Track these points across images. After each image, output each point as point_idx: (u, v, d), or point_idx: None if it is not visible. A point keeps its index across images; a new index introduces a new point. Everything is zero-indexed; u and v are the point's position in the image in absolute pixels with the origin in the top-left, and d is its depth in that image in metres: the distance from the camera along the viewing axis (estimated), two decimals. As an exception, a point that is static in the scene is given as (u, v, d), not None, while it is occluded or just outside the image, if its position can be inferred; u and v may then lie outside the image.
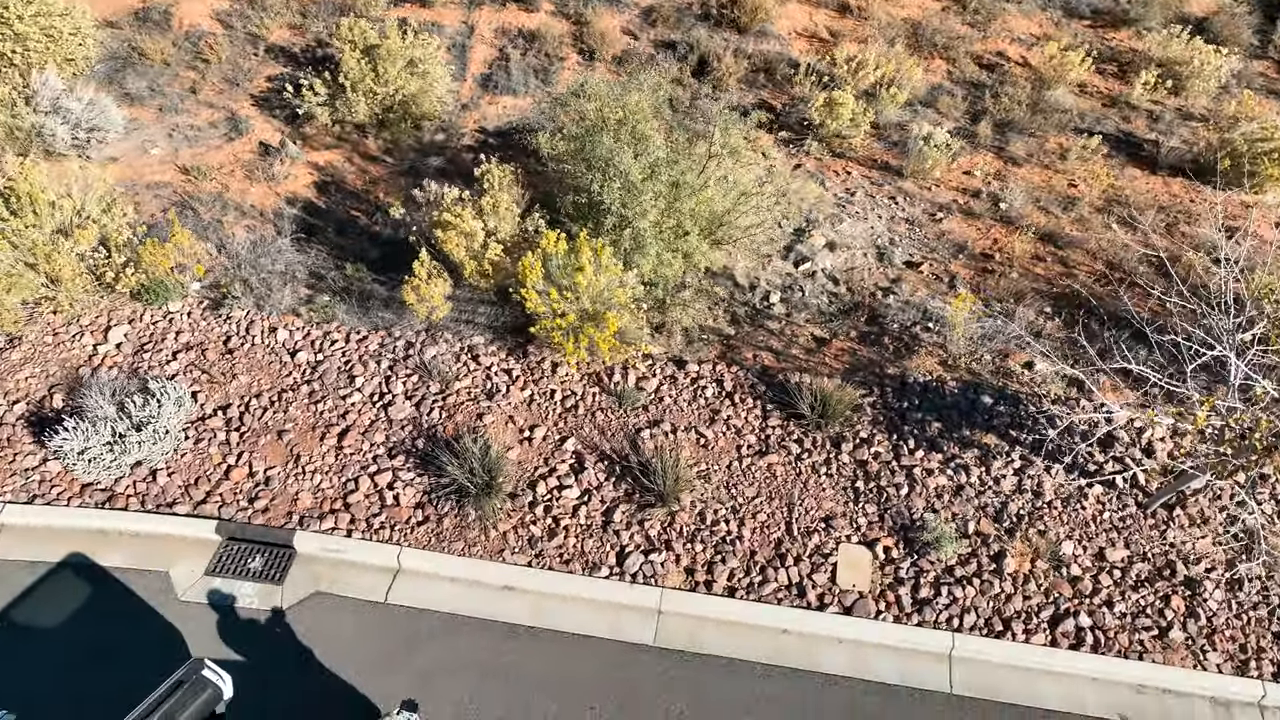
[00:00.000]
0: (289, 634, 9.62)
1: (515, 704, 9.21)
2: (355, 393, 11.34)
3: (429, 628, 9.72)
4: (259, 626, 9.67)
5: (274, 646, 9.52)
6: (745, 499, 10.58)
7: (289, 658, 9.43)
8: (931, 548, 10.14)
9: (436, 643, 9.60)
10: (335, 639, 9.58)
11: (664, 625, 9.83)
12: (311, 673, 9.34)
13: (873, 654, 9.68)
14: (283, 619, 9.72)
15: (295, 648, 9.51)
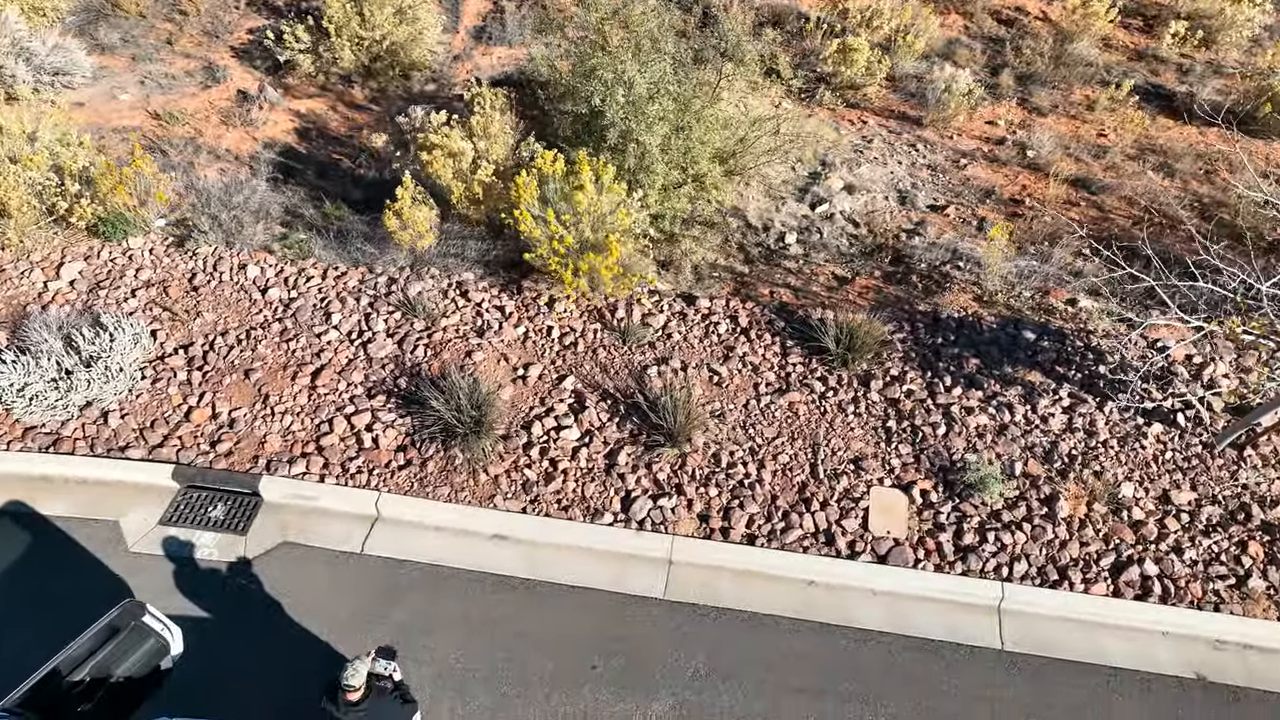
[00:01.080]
0: (252, 587, 8.49)
1: (507, 662, 8.08)
2: (331, 330, 10.28)
3: (410, 580, 8.59)
4: (218, 579, 8.55)
5: (235, 601, 8.39)
6: (764, 440, 9.49)
7: (252, 613, 8.30)
8: (975, 490, 9.04)
9: (418, 596, 8.48)
10: (305, 592, 8.45)
11: (675, 576, 8.71)
12: (277, 629, 8.21)
13: (912, 607, 8.55)
14: (246, 571, 8.60)
15: (259, 602, 8.38)
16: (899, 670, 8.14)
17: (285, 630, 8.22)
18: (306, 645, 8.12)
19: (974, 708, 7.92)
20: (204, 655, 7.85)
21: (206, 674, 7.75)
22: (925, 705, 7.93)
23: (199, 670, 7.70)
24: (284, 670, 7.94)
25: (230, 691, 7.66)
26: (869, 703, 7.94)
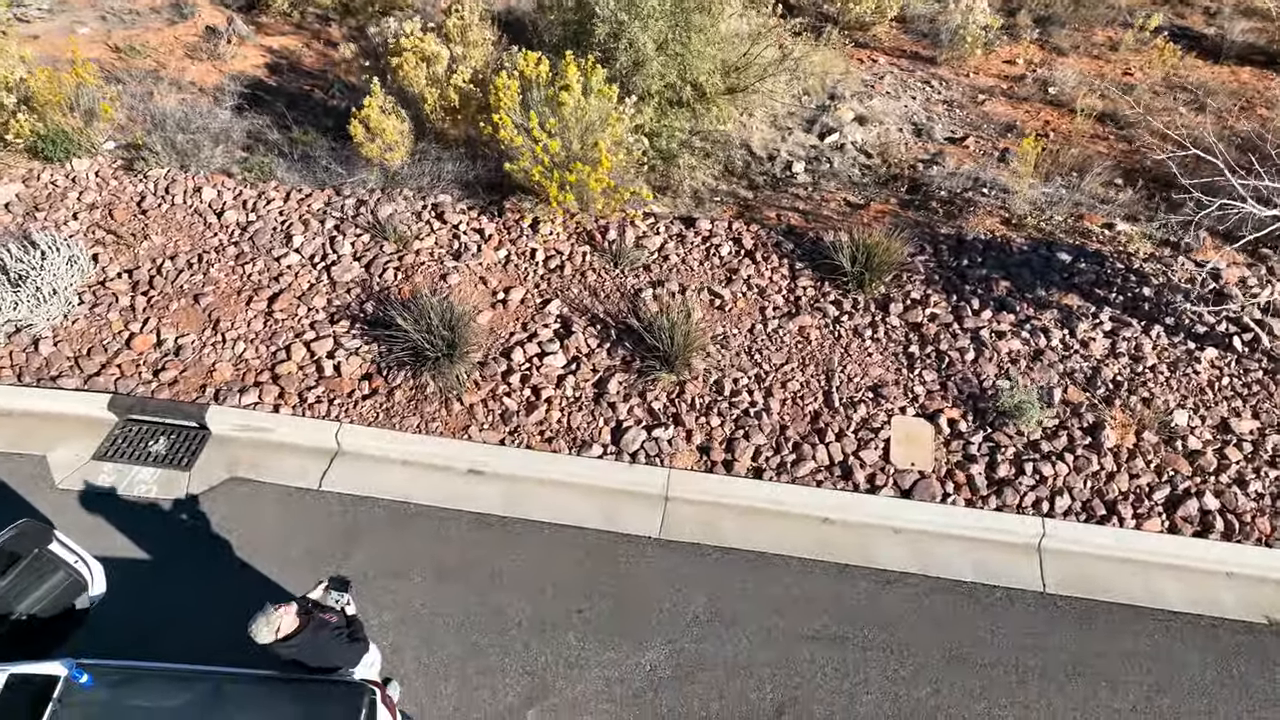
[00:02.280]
0: (195, 526, 7.51)
1: (480, 607, 7.09)
2: (292, 254, 9.30)
3: (373, 518, 7.61)
4: (156, 518, 7.57)
5: (174, 541, 7.41)
6: (772, 366, 8.50)
7: (193, 553, 7.32)
8: (1009, 419, 8.04)
9: (382, 536, 7.49)
10: (254, 532, 7.47)
11: (672, 514, 7.71)
12: (221, 570, 7.23)
13: (941, 545, 7.55)
14: (188, 509, 7.62)
15: (202, 542, 7.40)
16: (927, 615, 7.14)
17: (230, 572, 7.23)
18: (253, 588, 7.13)
19: (1014, 656, 6.92)
20: (136, 597, 6.93)
21: (139, 617, 6.81)
22: (958, 653, 6.93)
23: (130, 612, 6.76)
24: (226, 613, 6.92)
25: (165, 635, 6.69)
26: (893, 651, 6.93)
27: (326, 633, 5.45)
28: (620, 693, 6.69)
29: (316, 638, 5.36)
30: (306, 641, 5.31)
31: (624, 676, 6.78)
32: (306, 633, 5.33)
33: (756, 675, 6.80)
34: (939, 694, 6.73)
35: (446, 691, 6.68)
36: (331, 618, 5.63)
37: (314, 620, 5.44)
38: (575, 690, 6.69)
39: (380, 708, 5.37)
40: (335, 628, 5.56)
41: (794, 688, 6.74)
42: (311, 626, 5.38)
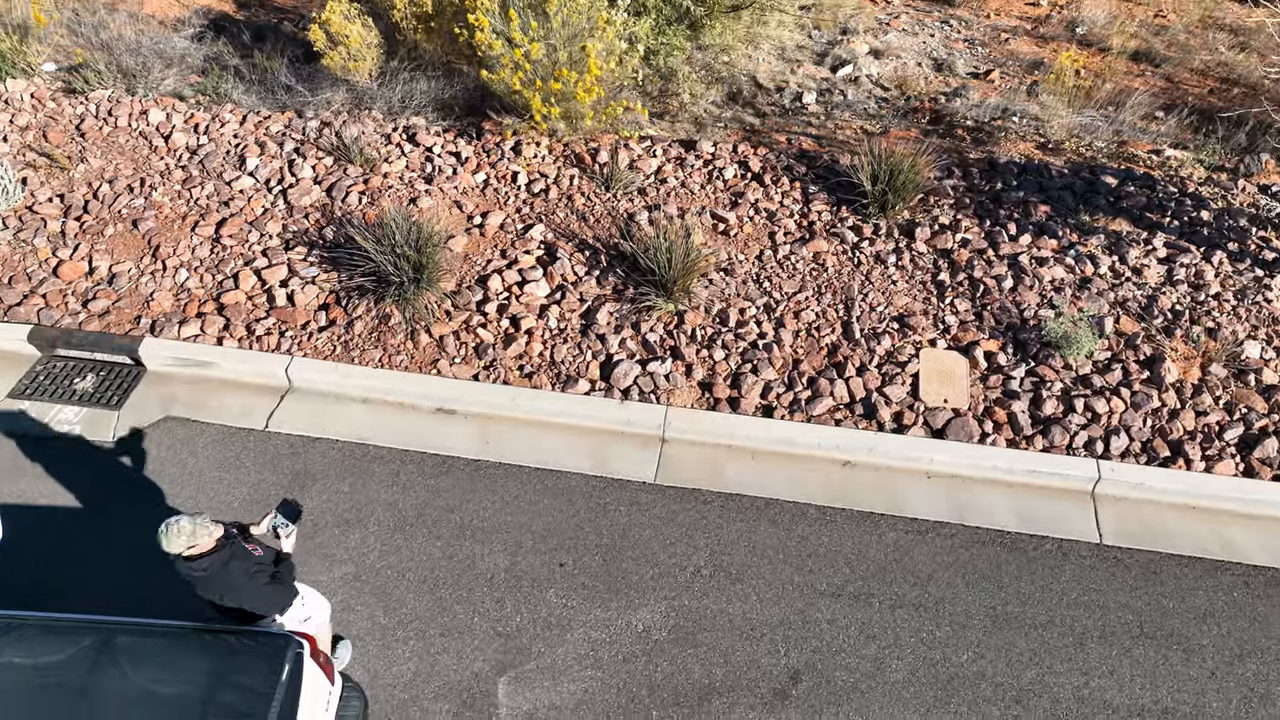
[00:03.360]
0: (122, 471, 6.54)
1: (447, 560, 6.11)
2: (246, 177, 8.31)
3: (326, 461, 6.63)
4: (79, 462, 6.59)
5: (97, 487, 6.43)
6: (784, 295, 7.50)
7: (117, 501, 6.34)
8: (1055, 350, 7.04)
9: (335, 480, 6.51)
10: (189, 476, 6.49)
11: (670, 457, 6.72)
12: (149, 518, 6.20)
13: (979, 491, 6.56)
14: (115, 452, 6.65)
15: (129, 488, 6.43)
16: (966, 569, 6.14)
17: (157, 520, 6.21)
18: (182, 538, 6.14)
19: (1068, 615, 5.92)
20: (48, 547, 5.99)
21: (49, 568, 5.86)
22: (1003, 613, 5.93)
23: (39, 564, 5.83)
24: (151, 564, 5.97)
25: (78, 588, 5.75)
26: (927, 609, 5.94)
27: (242, 564, 4.49)
28: (608, 657, 5.70)
29: (228, 568, 4.41)
30: (217, 567, 4.37)
31: (612, 638, 5.79)
32: (219, 555, 4.39)
33: (768, 637, 5.81)
34: (982, 659, 5.73)
35: (404, 655, 5.70)
36: (256, 550, 4.67)
37: (233, 546, 4.48)
38: (555, 654, 5.71)
39: (310, 667, 4.39)
40: (257, 562, 4.61)
41: (811, 651, 5.75)
42: (228, 551, 4.43)
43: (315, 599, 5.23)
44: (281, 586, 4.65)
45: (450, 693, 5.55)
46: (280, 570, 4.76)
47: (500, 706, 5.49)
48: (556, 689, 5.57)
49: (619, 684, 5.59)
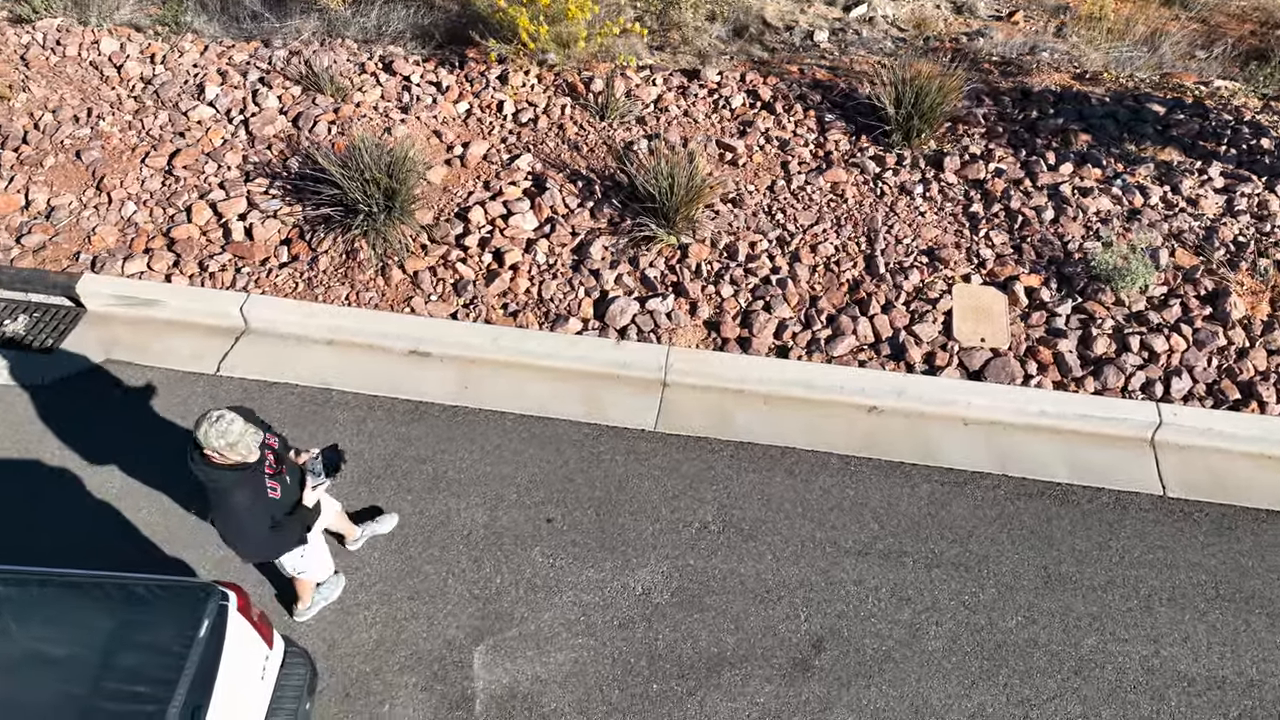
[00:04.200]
0: (51, 419, 5.77)
1: (417, 517, 5.35)
2: (204, 107, 7.54)
3: (284, 409, 5.86)
4: (4, 409, 5.83)
5: (20, 437, 5.67)
6: (799, 227, 6.72)
7: (42, 452, 5.58)
8: (1105, 284, 6.27)
9: (293, 428, 5.74)
10: (127, 426, 5.73)
11: (672, 402, 5.95)
12: (81, 471, 5.49)
13: (1024, 439, 5.79)
14: (45, 399, 5.88)
15: (57, 438, 5.66)
16: (1011, 524, 5.37)
17: (84, 473, 5.49)
18: (115, 493, 5.40)
19: (1131, 575, 5.15)
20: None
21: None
22: (1056, 571, 5.16)
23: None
24: (76, 522, 5.23)
25: (3, 541, 4.99)
26: (969, 569, 5.17)
27: (249, 498, 3.86)
28: (601, 623, 4.94)
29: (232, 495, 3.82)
30: (225, 484, 3.79)
31: (607, 602, 5.02)
32: (234, 475, 3.80)
33: (786, 600, 5.04)
34: (1033, 624, 4.96)
35: (366, 621, 4.93)
36: (274, 492, 3.97)
37: (253, 477, 3.87)
38: (541, 620, 4.94)
39: (237, 624, 3.62)
40: (267, 504, 3.95)
41: (836, 616, 4.98)
42: (245, 476, 3.82)
43: (318, 558, 4.58)
44: (278, 537, 4.00)
45: (419, 663, 4.78)
46: (287, 520, 4.03)
47: (476, 679, 4.73)
48: (542, 659, 4.80)
49: (614, 653, 4.82)
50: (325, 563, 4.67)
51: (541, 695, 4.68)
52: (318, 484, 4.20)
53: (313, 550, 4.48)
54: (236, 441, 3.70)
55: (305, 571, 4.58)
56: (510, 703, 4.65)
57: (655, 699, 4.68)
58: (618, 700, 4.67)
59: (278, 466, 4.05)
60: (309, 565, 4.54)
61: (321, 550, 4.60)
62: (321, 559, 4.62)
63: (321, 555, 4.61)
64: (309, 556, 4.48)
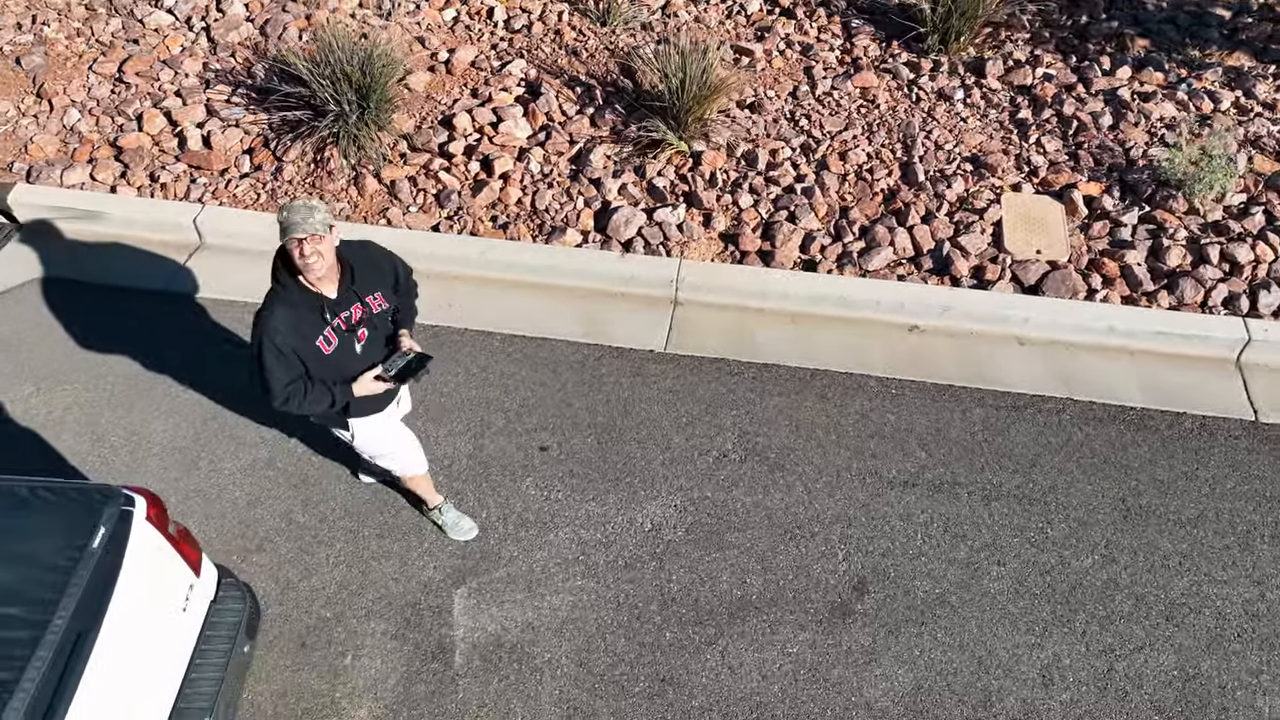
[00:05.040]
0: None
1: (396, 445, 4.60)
2: (161, 13, 6.79)
3: (241, 328, 5.12)
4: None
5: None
6: (825, 134, 5.97)
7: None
8: (1175, 191, 5.52)
9: (248, 349, 5.00)
10: (63, 348, 5.01)
11: (684, 321, 5.21)
12: (4, 399, 4.76)
13: (1090, 359, 5.04)
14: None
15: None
16: (1080, 452, 4.62)
17: (18, 396, 4.76)
18: (51, 421, 4.66)
19: (1225, 508, 4.40)
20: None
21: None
22: (1136, 504, 4.41)
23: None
24: (6, 447, 4.50)
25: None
26: (1034, 501, 4.42)
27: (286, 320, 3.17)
28: (604, 563, 4.20)
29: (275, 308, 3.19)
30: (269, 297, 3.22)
31: (610, 539, 4.28)
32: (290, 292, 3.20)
33: (820, 537, 4.29)
34: (1112, 563, 4.21)
35: (328, 561, 4.20)
36: (330, 342, 3.26)
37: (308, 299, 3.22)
38: (533, 559, 4.20)
39: (144, 537, 2.88)
40: (314, 344, 3.23)
41: (880, 555, 4.23)
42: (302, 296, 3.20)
43: (404, 446, 3.87)
44: (308, 396, 3.24)
45: (388, 609, 4.04)
46: (334, 387, 3.29)
47: (456, 626, 3.99)
48: (534, 603, 4.06)
49: (619, 597, 4.08)
50: (412, 455, 3.90)
51: (533, 645, 3.94)
52: (388, 370, 3.36)
53: (397, 436, 3.79)
54: (290, 212, 3.02)
55: (383, 455, 3.80)
56: (496, 653, 3.91)
57: (668, 648, 3.93)
58: (624, 650, 3.92)
59: (353, 326, 3.28)
60: (392, 448, 3.79)
61: (406, 438, 3.85)
62: (407, 446, 3.86)
63: (408, 441, 3.85)
64: (392, 440, 3.76)
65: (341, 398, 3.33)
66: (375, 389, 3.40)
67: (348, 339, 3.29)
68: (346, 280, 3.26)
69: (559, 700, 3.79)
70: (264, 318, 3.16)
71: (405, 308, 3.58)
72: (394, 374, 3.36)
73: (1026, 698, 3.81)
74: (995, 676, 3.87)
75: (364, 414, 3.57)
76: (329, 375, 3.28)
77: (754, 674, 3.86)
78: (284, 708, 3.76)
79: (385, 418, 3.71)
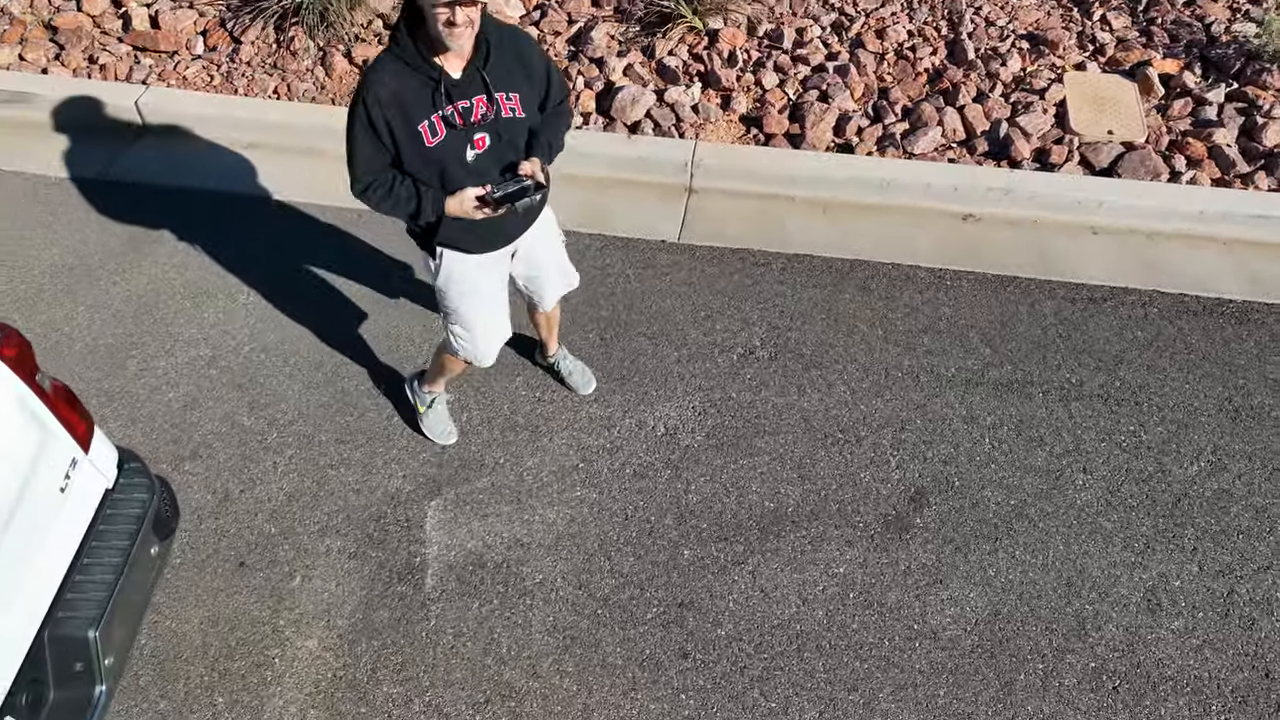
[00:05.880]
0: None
1: (363, 338, 3.90)
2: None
3: (188, 217, 4.41)
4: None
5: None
6: (859, 10, 5.22)
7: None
8: (1269, 65, 4.78)
9: (189, 237, 4.31)
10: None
11: (700, 210, 4.50)
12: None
13: (1177, 248, 4.32)
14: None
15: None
16: (1173, 348, 3.89)
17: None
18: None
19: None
20: None
21: None
22: (1245, 405, 3.69)
23: None
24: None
25: None
26: (1122, 402, 3.70)
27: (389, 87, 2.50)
28: (608, 471, 3.48)
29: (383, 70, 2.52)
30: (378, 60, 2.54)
31: (616, 445, 3.56)
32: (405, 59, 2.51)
33: (869, 442, 3.57)
34: (1223, 470, 3.48)
35: (276, 469, 3.49)
36: (434, 132, 2.55)
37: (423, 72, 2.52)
38: (523, 467, 3.48)
39: (1, 380, 2.17)
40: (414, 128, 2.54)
41: (941, 462, 3.51)
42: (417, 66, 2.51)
43: (487, 322, 3.04)
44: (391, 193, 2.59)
45: (347, 523, 3.33)
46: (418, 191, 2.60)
47: (429, 543, 3.28)
48: (523, 517, 3.35)
49: (627, 510, 3.37)
50: (486, 338, 3.07)
51: (522, 564, 3.22)
52: (484, 197, 2.56)
53: (469, 294, 2.91)
54: None
55: (454, 321, 3.01)
56: (476, 574, 3.20)
57: (687, 569, 3.22)
58: (632, 570, 3.21)
59: (471, 125, 2.53)
60: (465, 315, 2.97)
61: (490, 313, 3.02)
62: (485, 327, 3.03)
63: (489, 319, 3.03)
64: (468, 303, 2.93)
65: (431, 209, 2.59)
66: (472, 212, 2.59)
67: (459, 139, 2.54)
68: (477, 63, 2.50)
69: (553, 628, 3.07)
70: (369, 79, 2.49)
71: (548, 130, 2.73)
72: (500, 196, 2.55)
73: (1130, 625, 3.09)
74: (1089, 600, 3.14)
75: (459, 246, 2.79)
76: (425, 175, 2.57)
77: (792, 598, 3.15)
78: (215, 637, 3.05)
79: (487, 267, 2.90)
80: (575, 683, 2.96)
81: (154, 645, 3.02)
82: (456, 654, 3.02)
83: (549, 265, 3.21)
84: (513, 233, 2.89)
